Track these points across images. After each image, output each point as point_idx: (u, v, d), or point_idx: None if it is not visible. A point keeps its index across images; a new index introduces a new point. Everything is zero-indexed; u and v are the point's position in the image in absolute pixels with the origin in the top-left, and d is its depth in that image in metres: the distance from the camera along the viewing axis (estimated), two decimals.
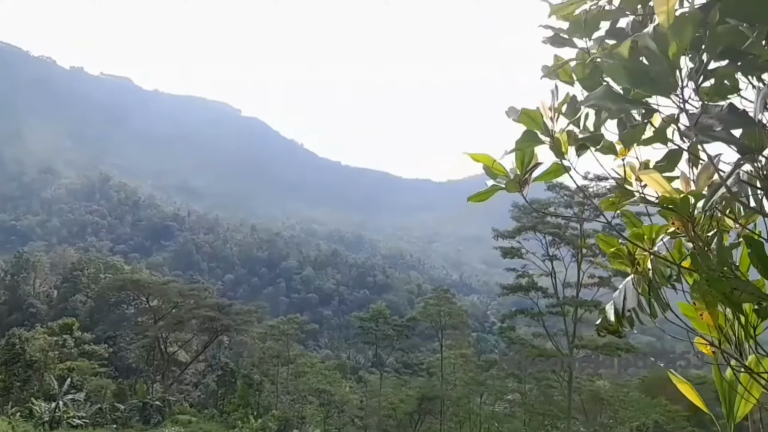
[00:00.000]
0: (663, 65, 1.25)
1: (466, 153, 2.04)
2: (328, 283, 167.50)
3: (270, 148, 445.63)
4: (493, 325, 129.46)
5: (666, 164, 1.77)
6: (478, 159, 2.05)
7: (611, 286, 37.39)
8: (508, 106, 1.87)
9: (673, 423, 55.56)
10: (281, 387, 52.30)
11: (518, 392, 50.59)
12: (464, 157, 2.07)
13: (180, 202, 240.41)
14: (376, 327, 51.91)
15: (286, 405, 48.96)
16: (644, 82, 1.33)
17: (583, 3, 1.74)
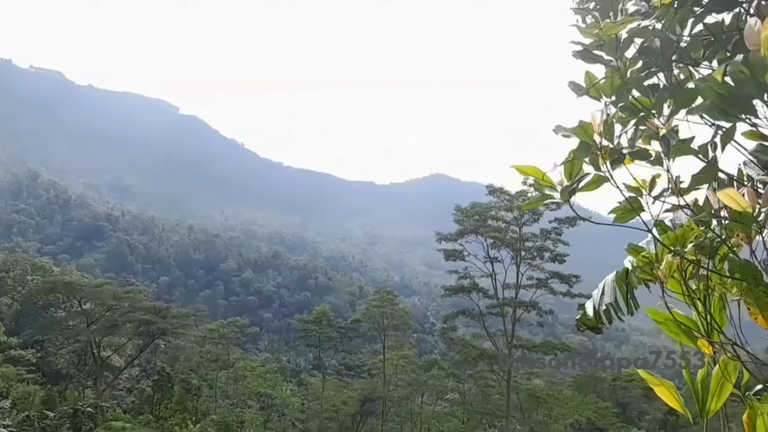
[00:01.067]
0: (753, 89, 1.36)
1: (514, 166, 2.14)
2: (269, 285, 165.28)
3: (209, 147, 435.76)
4: (432, 326, 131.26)
5: (704, 176, 1.86)
6: (526, 172, 2.13)
7: (548, 288, 38.85)
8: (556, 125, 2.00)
9: (604, 419, 58.01)
10: (220, 391, 51.32)
11: (458, 392, 51.62)
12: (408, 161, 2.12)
13: (113, 202, 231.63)
14: (319, 329, 51.73)
15: (225, 409, 48.03)
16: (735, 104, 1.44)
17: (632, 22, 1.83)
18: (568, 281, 37.92)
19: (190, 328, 52.82)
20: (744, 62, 1.38)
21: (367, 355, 77.98)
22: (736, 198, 1.74)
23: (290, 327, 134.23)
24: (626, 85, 1.90)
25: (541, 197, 2.16)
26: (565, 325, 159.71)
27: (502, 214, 39.59)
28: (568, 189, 2.05)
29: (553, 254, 38.21)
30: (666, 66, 1.84)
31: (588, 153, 1.92)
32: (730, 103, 1.46)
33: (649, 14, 1.85)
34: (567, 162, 2.01)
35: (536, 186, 2.12)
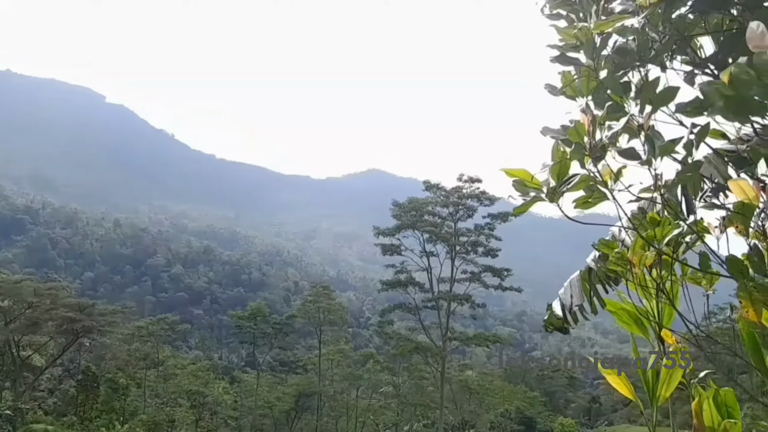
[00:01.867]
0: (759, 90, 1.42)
1: (503, 170, 2.19)
2: (200, 281, 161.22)
3: (137, 138, 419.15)
4: (368, 320, 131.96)
5: (688, 175, 1.91)
6: (514, 174, 2.19)
7: (481, 282, 39.89)
8: (543, 126, 2.10)
9: (533, 408, 60.29)
10: (149, 390, 49.76)
11: (392, 385, 52.26)
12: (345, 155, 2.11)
13: (33, 194, 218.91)
14: (254, 326, 50.98)
15: (155, 409, 46.65)
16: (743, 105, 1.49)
17: (622, 20, 1.90)
18: (500, 275, 39.07)
19: (117, 325, 50.79)
20: (749, 64, 1.44)
21: (302, 350, 77.56)
22: (747, 189, 1.76)
23: (222, 324, 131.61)
24: (602, 85, 2.00)
25: (531, 199, 2.19)
26: (495, 318, 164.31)
27: (438, 210, 40.31)
28: (555, 190, 2.11)
29: (487, 249, 39.24)
30: (642, 65, 1.96)
31: (582, 153, 1.99)
32: (738, 106, 1.51)
33: (636, 13, 1.91)
34: (556, 163, 2.07)
35: (518, 187, 2.19)
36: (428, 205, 40.12)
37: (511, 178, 2.17)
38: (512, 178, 2.18)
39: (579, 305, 3.62)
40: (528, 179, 2.16)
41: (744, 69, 1.36)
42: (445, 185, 40.76)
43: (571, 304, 3.60)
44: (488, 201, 40.12)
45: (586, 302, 3.68)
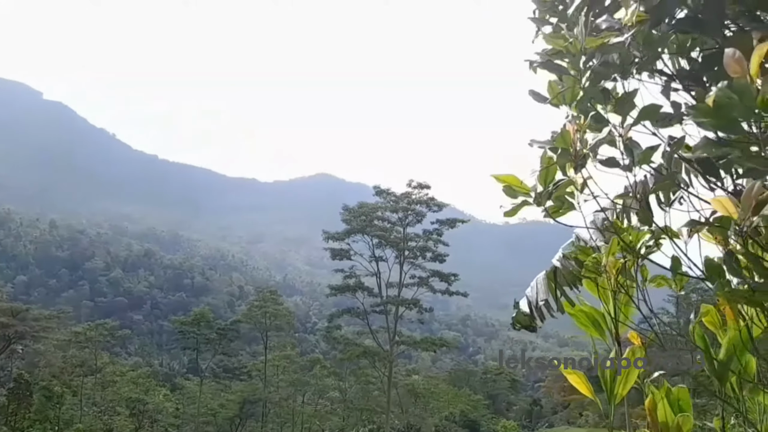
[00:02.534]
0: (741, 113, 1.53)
1: (493, 175, 2.29)
2: (140, 285, 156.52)
3: (76, 136, 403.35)
4: (315, 325, 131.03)
5: (666, 183, 2.07)
6: (503, 180, 2.29)
7: (429, 286, 40.39)
8: (531, 139, 2.21)
9: (476, 411, 61.28)
10: (86, 398, 47.88)
11: (339, 390, 52.15)
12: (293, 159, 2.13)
13: None
14: (197, 331, 49.86)
15: (92, 417, 44.94)
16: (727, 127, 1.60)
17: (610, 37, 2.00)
18: (448, 280, 39.65)
19: (52, 331, 48.72)
20: (730, 87, 1.55)
21: (246, 356, 76.30)
22: (726, 204, 1.85)
23: (163, 329, 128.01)
24: (586, 95, 2.14)
25: (519, 204, 2.28)
26: (440, 322, 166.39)
27: (388, 215, 40.61)
28: (543, 194, 2.22)
29: (435, 254, 39.77)
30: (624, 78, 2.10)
31: (569, 160, 2.10)
32: (723, 127, 1.63)
33: (622, 31, 2.03)
34: (543, 169, 2.21)
35: (508, 191, 2.28)
36: (378, 210, 40.37)
37: (501, 184, 2.27)
38: (502, 183, 2.28)
39: (545, 301, 3.80)
40: (517, 185, 2.27)
41: (726, 93, 1.53)
42: (395, 191, 41.18)
43: (537, 302, 3.78)
44: (437, 207, 40.72)
45: (551, 300, 3.86)
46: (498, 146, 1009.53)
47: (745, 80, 1.51)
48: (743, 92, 1.48)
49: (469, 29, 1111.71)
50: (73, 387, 47.89)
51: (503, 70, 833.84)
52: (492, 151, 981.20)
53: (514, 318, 4.02)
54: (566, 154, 2.10)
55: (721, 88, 1.55)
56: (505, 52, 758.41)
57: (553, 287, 3.77)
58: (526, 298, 3.97)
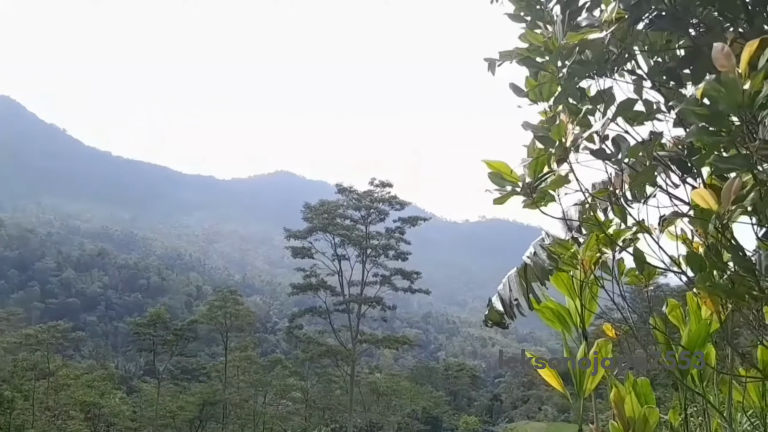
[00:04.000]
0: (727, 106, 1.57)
1: (485, 161, 2.29)
2: (93, 286, 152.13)
3: (24, 131, 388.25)
4: (275, 324, 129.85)
5: (644, 176, 2.09)
6: (493, 166, 2.28)
7: (391, 285, 40.53)
8: (523, 121, 2.24)
9: (438, 408, 61.85)
10: (38, 403, 46.24)
11: (300, 390, 51.84)
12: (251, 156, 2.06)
13: None
14: (153, 333, 48.73)
15: (45, 422, 43.51)
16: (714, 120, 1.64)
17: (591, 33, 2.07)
18: (410, 277, 39.86)
19: (1, 333, 47.12)
20: (717, 81, 1.60)
21: (205, 357, 75.08)
22: (706, 197, 1.88)
23: (118, 331, 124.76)
24: (564, 91, 2.19)
25: (508, 192, 2.28)
26: (402, 320, 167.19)
27: (350, 213, 40.54)
28: (530, 186, 2.23)
29: (397, 252, 39.92)
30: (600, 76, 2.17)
31: (562, 152, 2.13)
32: (710, 120, 1.66)
33: (601, 28, 2.11)
34: (534, 160, 2.24)
35: (495, 179, 2.30)
36: (340, 208, 40.26)
37: (490, 170, 2.28)
38: (491, 170, 2.29)
39: (516, 300, 3.87)
40: (507, 173, 2.28)
41: (714, 86, 1.59)
42: (357, 189, 41.13)
43: (510, 299, 3.84)
44: (399, 205, 40.86)
45: (522, 299, 3.93)
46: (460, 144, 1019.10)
47: (734, 74, 1.57)
48: (730, 86, 1.55)
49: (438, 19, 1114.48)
50: (24, 391, 46.24)
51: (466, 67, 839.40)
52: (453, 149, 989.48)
53: (486, 315, 4.08)
54: (562, 147, 2.12)
55: (710, 81, 1.61)
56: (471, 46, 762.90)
57: (524, 285, 3.85)
58: (499, 295, 4.03)
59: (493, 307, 3.98)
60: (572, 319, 3.90)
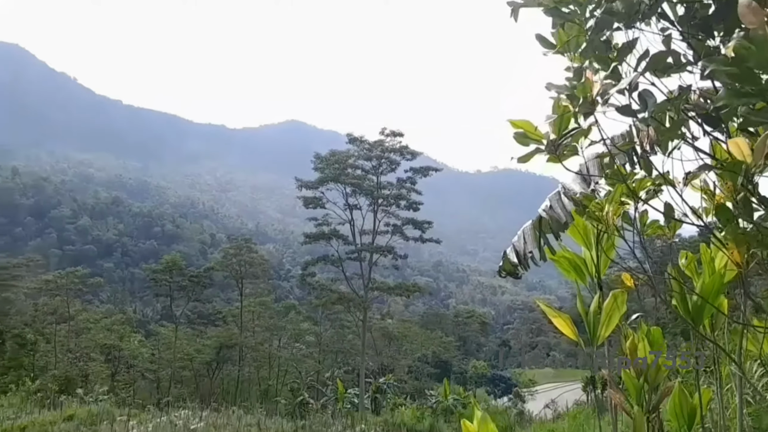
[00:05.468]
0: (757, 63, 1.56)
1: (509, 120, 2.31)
2: (109, 233, 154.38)
3: (34, 80, 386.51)
4: (288, 272, 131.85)
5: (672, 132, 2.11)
6: (517, 125, 2.29)
7: (402, 234, 40.75)
8: (547, 82, 2.23)
9: (448, 353, 63.21)
10: (60, 345, 47.81)
11: (314, 334, 53.13)
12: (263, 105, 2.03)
13: None
14: (170, 279, 49.72)
15: (67, 364, 45.00)
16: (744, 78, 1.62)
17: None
18: (422, 227, 40.01)
19: (21, 279, 48.25)
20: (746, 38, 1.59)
21: (221, 303, 76.69)
22: (743, 148, 1.88)
23: (135, 277, 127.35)
24: (591, 43, 2.16)
25: (533, 151, 2.32)
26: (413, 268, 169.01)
27: (361, 163, 40.39)
28: (555, 143, 2.25)
29: (409, 202, 39.93)
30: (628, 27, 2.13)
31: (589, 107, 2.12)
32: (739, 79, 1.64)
33: None
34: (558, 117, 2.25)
35: (519, 138, 2.32)
36: (351, 158, 40.08)
37: (514, 129, 2.30)
38: (515, 129, 2.30)
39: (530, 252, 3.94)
40: (531, 131, 2.29)
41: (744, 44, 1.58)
42: (368, 138, 40.84)
43: (524, 250, 3.92)
44: (410, 155, 40.61)
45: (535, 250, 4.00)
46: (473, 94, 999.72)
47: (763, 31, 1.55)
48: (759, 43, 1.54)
49: None
50: (46, 335, 47.75)
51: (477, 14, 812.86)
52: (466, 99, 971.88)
53: (500, 266, 4.16)
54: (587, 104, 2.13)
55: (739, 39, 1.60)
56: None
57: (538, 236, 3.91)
58: (513, 246, 4.10)
59: (507, 258, 4.05)
60: (587, 269, 3.98)
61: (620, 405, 3.53)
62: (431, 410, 21.55)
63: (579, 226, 3.71)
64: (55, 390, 32.27)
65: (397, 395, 33.11)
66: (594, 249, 3.82)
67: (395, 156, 39.99)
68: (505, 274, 4.26)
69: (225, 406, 16.77)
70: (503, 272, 4.25)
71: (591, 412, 17.28)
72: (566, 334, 3.88)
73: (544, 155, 2.44)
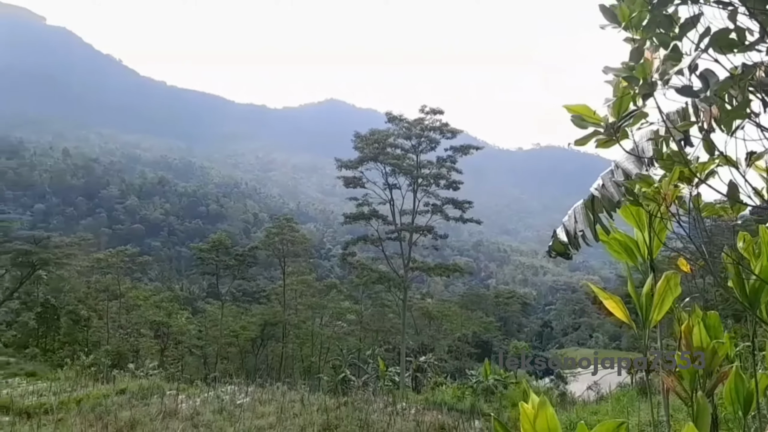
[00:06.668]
0: None
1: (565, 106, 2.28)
2: (156, 213, 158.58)
3: (81, 62, 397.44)
4: (329, 251, 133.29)
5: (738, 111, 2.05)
6: (574, 110, 2.26)
7: (443, 214, 40.51)
8: (605, 66, 2.19)
9: (488, 333, 63.05)
10: (111, 322, 49.73)
11: (355, 312, 53.72)
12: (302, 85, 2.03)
13: None
14: (216, 257, 50.94)
15: (119, 339, 46.82)
16: None
17: None
18: (462, 207, 39.68)
19: (74, 257, 50.10)
20: None
21: (264, 281, 78.23)
22: None
23: (181, 255, 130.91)
24: (655, 18, 2.08)
25: (590, 133, 2.27)
26: (452, 248, 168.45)
27: (401, 142, 40.16)
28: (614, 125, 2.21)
29: (449, 181, 39.59)
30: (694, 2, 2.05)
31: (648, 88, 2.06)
32: None
33: None
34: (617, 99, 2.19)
35: (577, 122, 2.27)
36: (390, 137, 39.87)
37: (571, 114, 2.25)
38: (572, 113, 2.27)
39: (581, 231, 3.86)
40: (589, 115, 2.24)
41: None
42: (408, 117, 40.52)
43: (575, 230, 3.84)
44: (450, 133, 40.13)
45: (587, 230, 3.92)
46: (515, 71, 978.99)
47: None
48: None
49: None
50: (98, 311, 49.66)
51: None
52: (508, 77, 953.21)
53: (550, 246, 4.09)
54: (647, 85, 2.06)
55: None
56: None
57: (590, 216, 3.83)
58: (563, 226, 4.03)
59: (557, 238, 3.98)
60: (639, 251, 3.89)
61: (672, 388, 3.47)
62: (472, 390, 21.58)
63: (631, 207, 3.63)
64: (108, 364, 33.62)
65: (437, 374, 33.29)
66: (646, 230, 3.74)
67: (435, 134, 39.60)
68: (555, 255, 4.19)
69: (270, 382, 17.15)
70: (553, 252, 4.18)
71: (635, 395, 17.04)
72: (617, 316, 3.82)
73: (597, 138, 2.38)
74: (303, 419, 11.87)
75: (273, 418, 11.91)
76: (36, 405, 13.14)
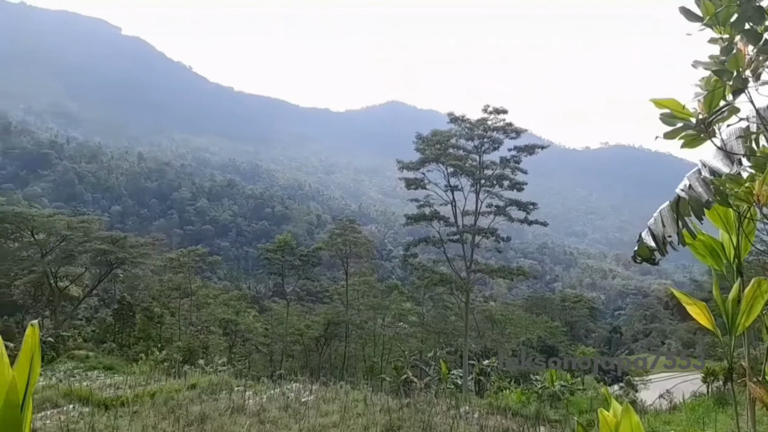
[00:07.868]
0: None
1: (653, 100, 2.21)
2: (225, 214, 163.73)
3: (154, 70, 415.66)
4: (390, 252, 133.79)
5: None
6: (663, 105, 2.20)
7: (506, 215, 39.83)
8: (694, 60, 2.11)
9: (554, 338, 61.53)
10: (183, 319, 51.69)
11: (417, 314, 53.63)
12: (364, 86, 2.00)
13: (56, 128, 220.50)
14: (282, 258, 52.12)
15: (189, 336, 48.58)
16: None
17: None
18: (526, 208, 38.90)
19: (148, 257, 52.29)
20: None
21: (327, 281, 79.37)
22: None
23: (248, 255, 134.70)
24: (744, 13, 1.98)
25: (680, 128, 2.19)
26: (516, 250, 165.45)
27: (463, 143, 39.81)
28: (704, 120, 2.11)
29: (512, 182, 38.92)
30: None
31: (741, 83, 1.99)
32: None
33: None
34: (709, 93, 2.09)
35: (665, 119, 2.18)
36: (452, 138, 39.59)
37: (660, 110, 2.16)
38: (661, 109, 2.17)
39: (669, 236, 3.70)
40: (679, 110, 2.16)
41: None
42: (470, 117, 40.12)
43: (663, 234, 3.68)
44: (514, 133, 39.46)
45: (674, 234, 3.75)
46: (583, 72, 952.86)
47: None
48: None
49: None
50: (170, 308, 51.70)
51: None
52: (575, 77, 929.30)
53: (636, 251, 3.95)
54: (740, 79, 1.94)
55: None
56: None
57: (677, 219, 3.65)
58: (649, 230, 3.87)
59: (643, 242, 3.83)
60: (725, 254, 3.70)
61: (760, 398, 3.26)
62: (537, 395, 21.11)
63: (718, 208, 3.45)
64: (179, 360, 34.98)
65: (501, 378, 32.76)
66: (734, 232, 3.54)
67: (498, 134, 39.04)
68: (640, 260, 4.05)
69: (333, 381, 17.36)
70: (638, 258, 4.03)
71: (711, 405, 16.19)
72: (701, 322, 3.64)
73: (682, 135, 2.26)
74: (366, 419, 11.94)
75: (336, 417, 12.05)
76: (113, 397, 13.81)
